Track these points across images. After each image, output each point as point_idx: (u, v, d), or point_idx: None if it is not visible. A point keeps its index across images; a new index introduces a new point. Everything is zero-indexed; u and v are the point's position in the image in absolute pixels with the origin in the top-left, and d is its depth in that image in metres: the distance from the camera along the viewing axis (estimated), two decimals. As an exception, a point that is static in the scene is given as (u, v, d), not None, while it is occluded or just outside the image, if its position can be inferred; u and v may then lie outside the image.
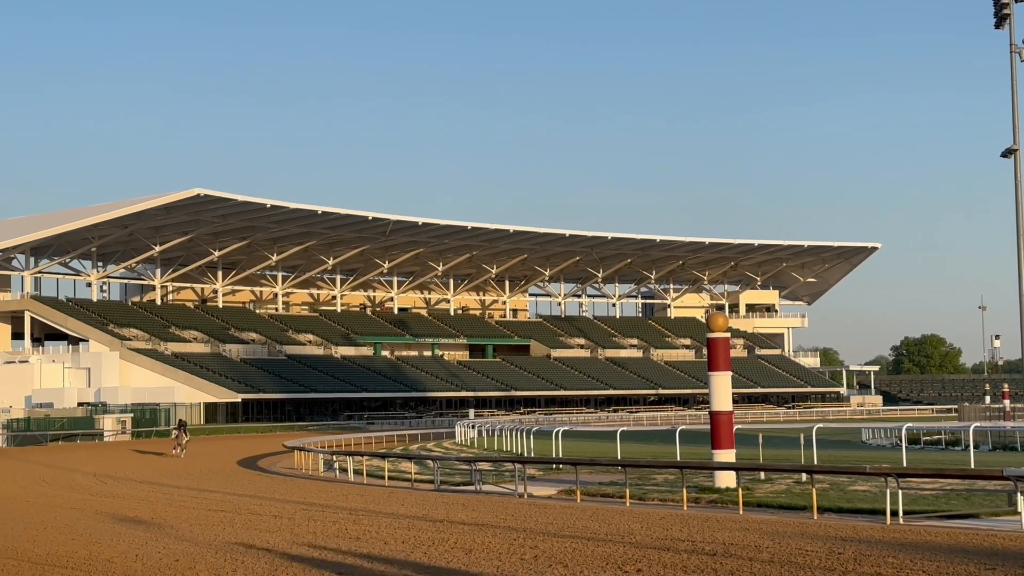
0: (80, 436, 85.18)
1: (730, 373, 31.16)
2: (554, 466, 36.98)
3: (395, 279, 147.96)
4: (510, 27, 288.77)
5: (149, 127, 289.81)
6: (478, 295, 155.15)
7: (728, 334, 31.68)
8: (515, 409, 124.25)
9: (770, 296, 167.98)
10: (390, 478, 36.61)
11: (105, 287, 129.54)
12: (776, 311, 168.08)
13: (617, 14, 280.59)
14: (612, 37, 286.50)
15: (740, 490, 25.06)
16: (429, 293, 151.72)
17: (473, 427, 68.80)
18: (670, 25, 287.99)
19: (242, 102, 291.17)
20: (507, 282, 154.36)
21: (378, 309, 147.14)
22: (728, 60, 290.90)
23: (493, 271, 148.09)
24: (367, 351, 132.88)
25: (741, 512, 23.38)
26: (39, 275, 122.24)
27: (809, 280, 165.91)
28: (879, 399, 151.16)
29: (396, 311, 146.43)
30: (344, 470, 40.04)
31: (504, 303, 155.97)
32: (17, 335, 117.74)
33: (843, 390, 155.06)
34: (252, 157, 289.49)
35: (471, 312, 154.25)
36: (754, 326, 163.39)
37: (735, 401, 34.28)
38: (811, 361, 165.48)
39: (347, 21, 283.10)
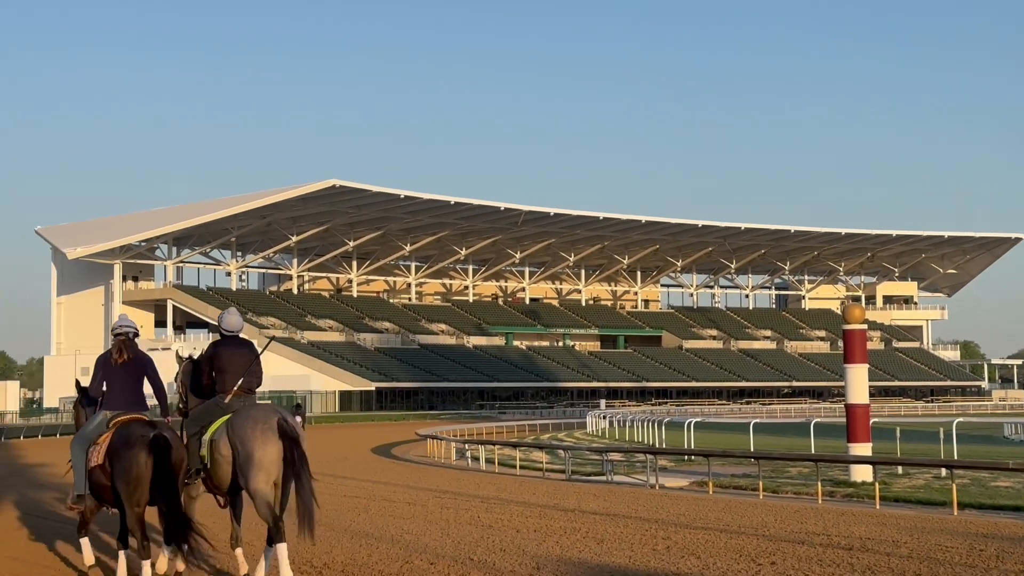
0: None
1: (867, 366, 30.60)
2: (686, 457, 36.76)
3: (527, 269, 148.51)
4: (662, 19, 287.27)
5: (286, 118, 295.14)
6: (609, 285, 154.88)
7: (865, 326, 31.12)
8: (646, 400, 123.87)
9: (908, 288, 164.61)
10: (521, 467, 36.74)
11: (244, 276, 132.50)
12: (915, 303, 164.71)
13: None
14: (754, 28, 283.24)
15: (877, 484, 24.60)
16: (560, 283, 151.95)
17: (604, 417, 68.74)
18: (813, 11, 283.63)
19: (378, 93, 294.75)
20: (639, 272, 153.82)
21: (510, 299, 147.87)
22: (869, 45, 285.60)
23: (625, 261, 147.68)
24: (499, 341, 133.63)
25: (878, 507, 22.97)
26: (181, 264, 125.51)
27: (949, 271, 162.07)
28: (1022, 394, 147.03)
29: (528, 301, 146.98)
30: (476, 459, 40.28)
31: (636, 294, 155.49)
32: (160, 323, 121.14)
33: (984, 384, 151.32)
34: (387, 148, 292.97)
35: (602, 302, 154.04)
36: (892, 318, 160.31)
37: (871, 394, 33.63)
38: (951, 354, 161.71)
39: (484, 9, 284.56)
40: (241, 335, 12.51)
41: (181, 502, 11.72)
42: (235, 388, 11.98)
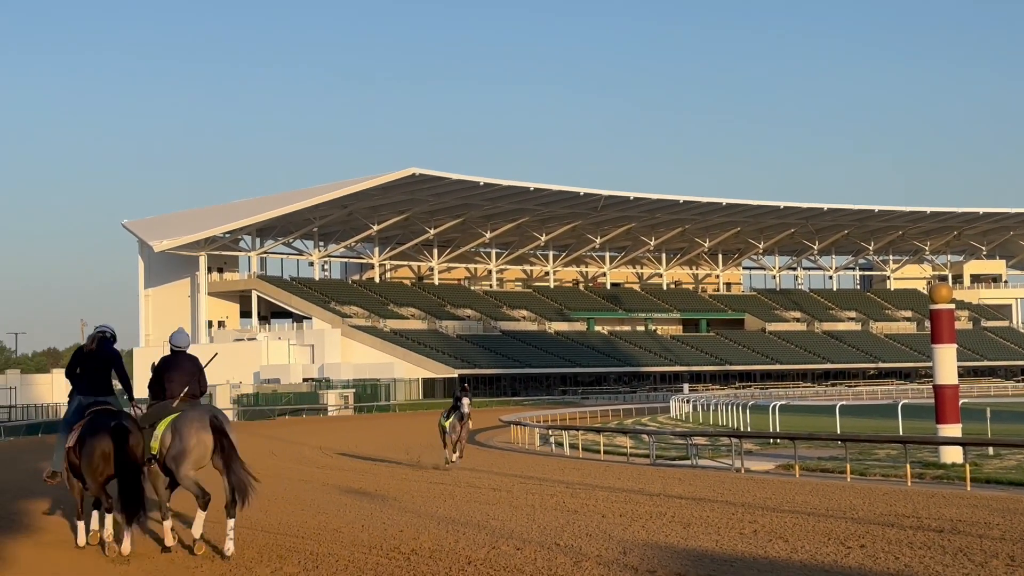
0: (305, 411, 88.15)
1: (955, 346, 30.19)
2: (771, 440, 36.53)
3: (607, 254, 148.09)
4: (716, 11, 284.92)
5: (366, 108, 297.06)
6: (691, 269, 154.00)
7: (952, 305, 30.71)
8: (730, 383, 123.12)
9: (996, 266, 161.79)
10: (605, 452, 36.74)
11: (326, 266, 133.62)
12: (1003, 281, 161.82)
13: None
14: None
15: (967, 466, 24.26)
16: (641, 268, 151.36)
17: (688, 401, 68.49)
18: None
19: (456, 80, 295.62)
20: (720, 255, 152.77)
21: (591, 284, 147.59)
22: (948, 16, 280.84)
23: (706, 244, 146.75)
24: (580, 326, 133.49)
25: (969, 488, 22.67)
26: (264, 255, 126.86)
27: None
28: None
29: (609, 286, 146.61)
30: (560, 444, 40.34)
31: (717, 277, 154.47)
32: (245, 313, 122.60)
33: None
34: (465, 135, 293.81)
35: (684, 286, 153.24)
36: (979, 297, 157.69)
37: (960, 375, 33.14)
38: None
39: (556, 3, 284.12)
40: (188, 351, 14.88)
41: (139, 480, 13.88)
42: (181, 395, 14.33)
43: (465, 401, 30.27)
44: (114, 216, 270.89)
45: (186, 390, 14.31)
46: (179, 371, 14.45)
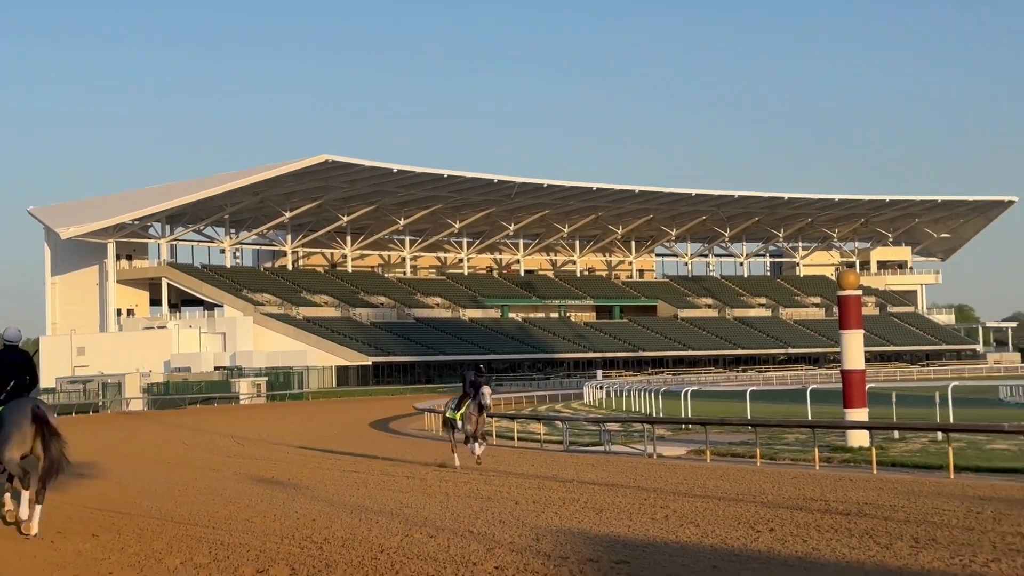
0: (217, 399, 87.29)
1: (862, 331, 30.60)
2: (683, 426, 36.79)
3: (521, 241, 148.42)
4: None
5: (277, 95, 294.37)
6: (604, 256, 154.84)
7: (859, 291, 31.11)
8: (643, 370, 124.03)
9: (902, 252, 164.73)
10: (519, 439, 36.81)
11: (238, 253, 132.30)
12: (909, 268, 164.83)
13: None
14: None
15: (874, 449, 24.67)
16: (555, 255, 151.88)
17: (601, 388, 68.83)
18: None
19: (370, 68, 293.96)
20: (633, 243, 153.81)
21: (504, 271, 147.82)
22: (859, 9, 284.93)
23: (619, 232, 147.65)
24: (494, 313, 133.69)
25: (875, 471, 23.06)
26: (175, 243, 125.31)
27: (943, 236, 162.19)
28: (1017, 356, 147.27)
29: (522, 273, 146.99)
30: (474, 431, 40.24)
31: (630, 264, 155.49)
32: (155, 301, 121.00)
33: (979, 347, 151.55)
34: (378, 122, 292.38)
35: (597, 273, 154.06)
36: (886, 283, 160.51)
37: (867, 359, 33.65)
38: (946, 318, 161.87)
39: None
40: (20, 345, 15.92)
41: None
42: (8, 388, 15.24)
43: (486, 390, 25.66)
44: (19, 203, 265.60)
45: (13, 383, 15.28)
46: (8, 365, 15.44)
